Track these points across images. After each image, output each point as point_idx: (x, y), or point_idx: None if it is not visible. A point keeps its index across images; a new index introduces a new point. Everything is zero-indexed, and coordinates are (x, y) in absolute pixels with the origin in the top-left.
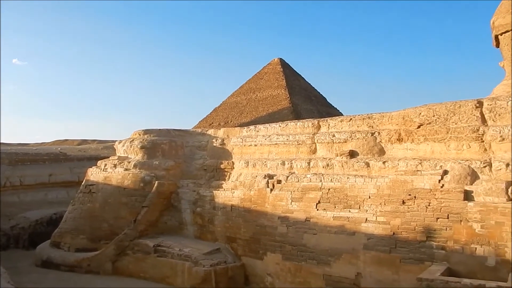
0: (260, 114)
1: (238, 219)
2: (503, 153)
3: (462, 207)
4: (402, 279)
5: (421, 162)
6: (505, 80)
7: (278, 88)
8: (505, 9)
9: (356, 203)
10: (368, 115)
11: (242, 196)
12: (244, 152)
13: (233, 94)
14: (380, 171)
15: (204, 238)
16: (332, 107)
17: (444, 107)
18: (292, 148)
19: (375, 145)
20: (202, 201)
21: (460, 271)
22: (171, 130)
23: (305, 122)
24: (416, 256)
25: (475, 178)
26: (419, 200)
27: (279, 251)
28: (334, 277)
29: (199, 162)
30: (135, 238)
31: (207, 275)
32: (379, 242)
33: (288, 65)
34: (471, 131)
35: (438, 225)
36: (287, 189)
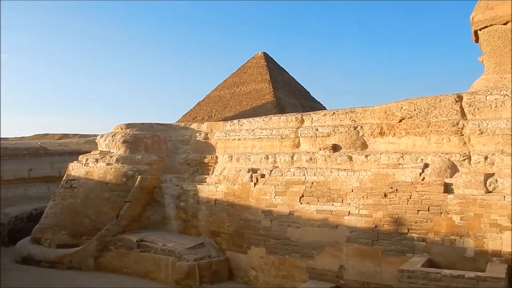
0: (244, 108)
1: (222, 213)
2: (481, 147)
3: (442, 199)
4: (384, 271)
5: (403, 155)
6: (484, 74)
7: (262, 82)
8: (484, 5)
9: (339, 197)
10: (351, 109)
11: (225, 190)
12: (227, 146)
13: (217, 88)
14: (362, 165)
15: (188, 233)
16: (316, 101)
17: (425, 101)
18: (275, 142)
19: (357, 139)
20: (185, 196)
21: (440, 262)
22: (154, 124)
23: (289, 116)
24: (398, 248)
25: (455, 171)
26: (400, 193)
27: (263, 244)
28: (317, 270)
29: (183, 156)
30: (117, 234)
31: (191, 270)
32: (362, 235)
33: (271, 59)
34: (451, 125)
35: (419, 218)
36: (271, 183)
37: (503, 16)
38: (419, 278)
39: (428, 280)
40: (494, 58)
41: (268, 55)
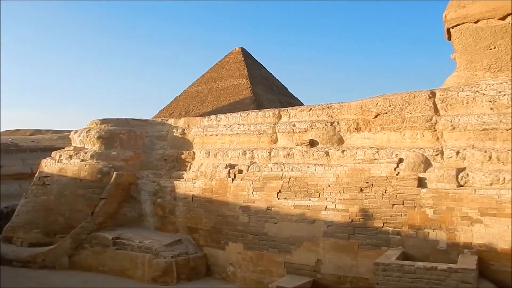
0: (222, 103)
1: (199, 209)
2: (454, 142)
3: (416, 193)
4: (360, 264)
5: (378, 150)
6: (456, 71)
7: (239, 77)
8: (456, 3)
9: (316, 192)
10: (328, 105)
11: (203, 186)
12: (205, 142)
13: (194, 84)
14: (339, 160)
15: (165, 230)
16: (293, 97)
17: (399, 97)
18: (253, 137)
19: (334, 134)
20: (162, 192)
21: (414, 255)
22: (130, 119)
23: (266, 112)
24: (373, 241)
25: (428, 166)
26: (376, 188)
27: (240, 240)
28: (295, 265)
29: (159, 152)
30: (92, 231)
31: (168, 267)
32: (338, 229)
33: (249, 54)
34: (424, 120)
35: (394, 211)
36: (249, 178)
37: (474, 15)
38: (393, 271)
39: (403, 273)
40: (465, 56)
41: (245, 50)
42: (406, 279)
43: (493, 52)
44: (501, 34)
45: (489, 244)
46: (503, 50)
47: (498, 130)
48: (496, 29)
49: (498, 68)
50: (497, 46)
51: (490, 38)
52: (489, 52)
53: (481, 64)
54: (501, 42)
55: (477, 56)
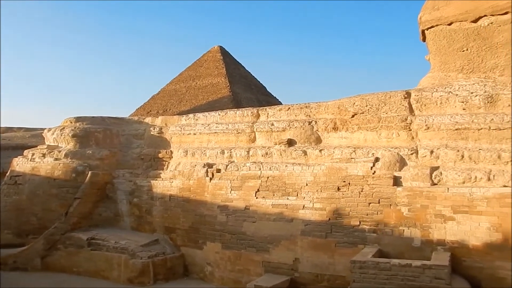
0: (200, 102)
1: (177, 209)
2: (428, 141)
3: (391, 192)
4: (337, 262)
5: (355, 150)
6: (431, 72)
7: (218, 76)
8: (431, 6)
9: (294, 191)
10: (306, 105)
11: (181, 185)
12: (183, 141)
13: (172, 82)
14: (316, 159)
15: (142, 230)
16: (272, 96)
17: (376, 98)
18: (231, 137)
19: (312, 133)
20: (139, 192)
21: (389, 252)
22: (105, 117)
23: (245, 111)
24: (350, 240)
25: (403, 165)
26: (353, 187)
27: (218, 240)
28: (273, 264)
29: (136, 151)
30: (66, 232)
31: (144, 267)
32: (316, 228)
33: (228, 53)
34: (400, 120)
35: (370, 210)
36: (227, 177)
37: (448, 17)
38: (370, 268)
39: (378, 270)
40: (439, 57)
41: (224, 49)
42: (382, 276)
43: (465, 54)
44: (473, 36)
45: (461, 241)
46: (475, 52)
47: (470, 130)
48: (469, 32)
49: (471, 70)
50: (470, 48)
51: (463, 40)
52: (462, 54)
53: (454, 65)
54: (473, 44)
55: (451, 58)
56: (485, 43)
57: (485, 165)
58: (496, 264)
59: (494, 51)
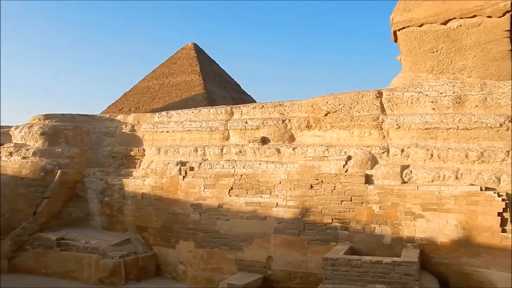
0: (173, 99)
1: (149, 207)
2: (399, 140)
3: (363, 190)
4: (309, 260)
5: (328, 148)
6: (402, 72)
7: (192, 73)
8: (402, 7)
9: (267, 189)
10: (280, 103)
11: (153, 184)
12: (155, 139)
13: (145, 79)
14: (290, 157)
15: (113, 229)
16: (246, 94)
17: (348, 97)
18: (205, 134)
19: (285, 132)
20: (110, 190)
21: (361, 249)
22: (75, 115)
23: (218, 109)
24: (323, 237)
25: (375, 163)
26: (325, 184)
27: (191, 238)
28: (246, 262)
29: (107, 149)
30: (35, 232)
31: (116, 267)
32: (289, 226)
33: (202, 50)
34: (372, 119)
35: (342, 208)
36: (200, 176)
37: (419, 19)
38: (341, 265)
39: (350, 267)
40: (410, 58)
41: (198, 46)
42: (353, 273)
43: (435, 55)
44: (442, 38)
45: (430, 238)
46: (445, 53)
47: (439, 129)
48: (439, 33)
49: (440, 71)
50: (439, 49)
51: (433, 41)
52: (432, 55)
53: (424, 66)
54: (442, 46)
55: (421, 59)
56: (454, 45)
57: (453, 164)
58: (462, 261)
59: (463, 53)
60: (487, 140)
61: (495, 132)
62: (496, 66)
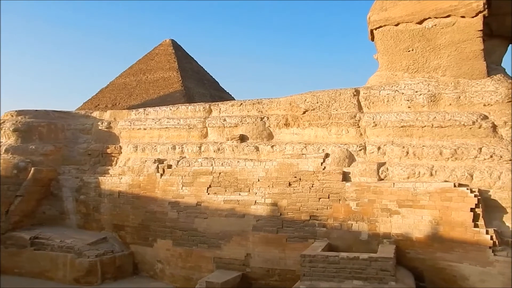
0: (151, 96)
1: (126, 206)
2: (375, 138)
3: (340, 187)
4: (288, 257)
5: (306, 146)
6: (379, 71)
7: (169, 70)
8: (379, 6)
9: (246, 186)
10: (258, 100)
11: (130, 182)
12: (132, 136)
13: (122, 75)
14: (268, 155)
15: (89, 228)
16: (225, 91)
17: (326, 95)
18: (183, 132)
19: (264, 129)
20: (86, 188)
21: (338, 246)
22: (50, 111)
23: (197, 106)
24: (301, 234)
25: (352, 160)
26: (303, 182)
27: (169, 237)
28: (224, 260)
29: (83, 146)
30: (7, 231)
31: (92, 266)
32: (267, 223)
33: (180, 47)
34: (349, 117)
35: (320, 205)
36: (178, 173)
37: (395, 18)
38: (319, 262)
39: (328, 263)
40: (387, 56)
41: (176, 42)
42: (330, 269)
43: (411, 54)
44: (418, 37)
45: (405, 233)
46: (420, 52)
47: (415, 127)
48: (414, 33)
49: (415, 69)
50: (415, 48)
51: (409, 40)
52: (408, 54)
53: (400, 64)
54: (418, 45)
55: (397, 57)
56: (429, 44)
57: (428, 161)
58: (436, 255)
59: (437, 52)
60: (460, 138)
61: (468, 130)
62: (469, 65)
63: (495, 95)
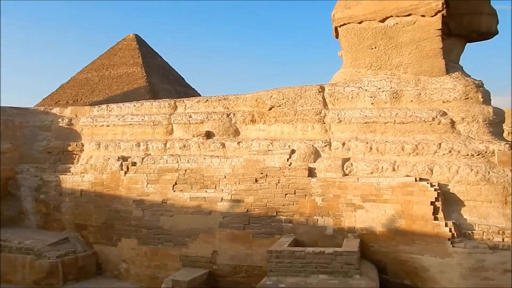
0: (114, 92)
1: (89, 204)
2: (340, 134)
3: (306, 183)
4: (255, 253)
5: (272, 142)
6: (343, 68)
7: (133, 65)
8: (343, 4)
9: (212, 183)
10: (224, 97)
11: (93, 180)
12: (95, 133)
13: (83, 70)
14: (235, 151)
15: (50, 228)
16: (190, 87)
17: (292, 91)
18: (147, 129)
19: (230, 126)
20: (46, 187)
21: (304, 241)
22: (7, 108)
23: (161, 102)
24: (267, 230)
25: (318, 156)
26: (270, 178)
27: (134, 235)
28: (190, 257)
29: (43, 144)
30: None
31: (53, 268)
32: (234, 220)
33: (144, 42)
34: (314, 113)
35: (286, 201)
36: (143, 171)
37: (358, 16)
38: (286, 257)
39: (294, 258)
40: (351, 54)
41: (140, 37)
42: (297, 264)
43: (374, 51)
44: (380, 35)
45: (369, 227)
46: (383, 50)
47: (378, 123)
48: (377, 30)
49: (378, 67)
50: (378, 46)
51: (372, 38)
52: (371, 51)
53: (364, 62)
54: (380, 43)
55: (361, 55)
56: (391, 42)
57: (390, 156)
58: (399, 248)
59: (399, 50)
60: (421, 133)
61: (428, 126)
62: (429, 63)
63: (453, 92)
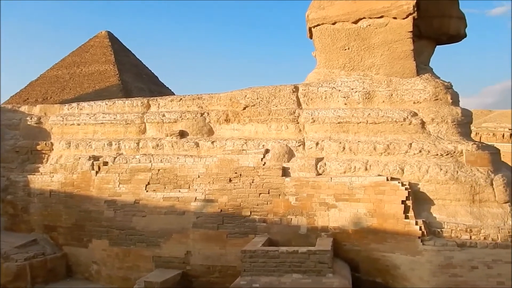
0: (86, 90)
1: (58, 205)
2: (314, 134)
3: (280, 182)
4: (228, 253)
5: (246, 141)
6: (317, 68)
7: (106, 63)
8: (317, 5)
9: (186, 183)
10: (198, 96)
11: (63, 180)
12: (65, 132)
13: (54, 67)
14: (209, 151)
15: (17, 229)
16: (164, 86)
17: (266, 91)
18: (120, 128)
19: (204, 125)
20: (13, 188)
21: (278, 241)
22: None
23: (134, 101)
24: (241, 230)
25: (292, 156)
26: (244, 178)
27: (106, 236)
28: (164, 258)
29: (10, 143)
30: None
31: (20, 271)
32: (208, 220)
33: (117, 39)
34: (288, 113)
35: (260, 200)
36: (115, 171)
37: (332, 17)
38: (259, 257)
39: (268, 258)
40: (324, 54)
41: (112, 34)
42: (271, 263)
43: (347, 52)
44: (354, 36)
45: (342, 226)
46: (356, 51)
47: (351, 123)
48: (350, 32)
49: (351, 67)
50: (351, 47)
51: (345, 39)
52: (344, 52)
53: (337, 62)
54: (354, 44)
55: (334, 55)
56: (364, 43)
57: (363, 156)
58: (371, 247)
59: (372, 51)
60: (392, 134)
61: (399, 126)
62: (401, 64)
63: (423, 93)
